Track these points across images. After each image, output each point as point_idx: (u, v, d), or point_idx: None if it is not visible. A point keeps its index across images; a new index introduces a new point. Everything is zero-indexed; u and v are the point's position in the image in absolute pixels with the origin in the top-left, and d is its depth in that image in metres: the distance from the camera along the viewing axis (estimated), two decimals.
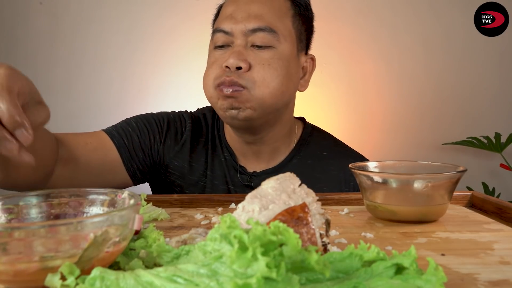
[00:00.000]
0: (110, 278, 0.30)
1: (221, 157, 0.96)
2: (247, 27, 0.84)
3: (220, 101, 0.84)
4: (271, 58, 0.84)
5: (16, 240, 0.32)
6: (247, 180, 0.93)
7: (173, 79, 2.12)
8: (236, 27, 0.84)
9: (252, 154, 0.94)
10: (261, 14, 0.85)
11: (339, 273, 0.34)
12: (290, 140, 0.97)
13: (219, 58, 0.86)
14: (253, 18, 0.84)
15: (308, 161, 0.95)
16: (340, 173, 0.93)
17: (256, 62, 0.83)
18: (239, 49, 0.83)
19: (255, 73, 0.82)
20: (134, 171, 0.91)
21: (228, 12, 0.87)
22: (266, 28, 0.84)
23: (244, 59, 0.82)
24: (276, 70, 0.84)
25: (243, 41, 0.84)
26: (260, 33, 0.84)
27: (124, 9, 2.11)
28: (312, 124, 1.03)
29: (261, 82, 0.82)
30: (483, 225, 0.59)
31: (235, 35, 0.84)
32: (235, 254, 0.29)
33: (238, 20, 0.84)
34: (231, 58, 0.81)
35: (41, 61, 2.10)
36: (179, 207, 0.72)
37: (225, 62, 0.82)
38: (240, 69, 0.81)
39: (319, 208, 0.43)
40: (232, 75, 0.81)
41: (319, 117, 2.06)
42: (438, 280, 0.31)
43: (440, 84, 2.17)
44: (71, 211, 0.45)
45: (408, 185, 0.61)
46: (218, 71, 0.84)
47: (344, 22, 2.12)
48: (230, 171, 0.94)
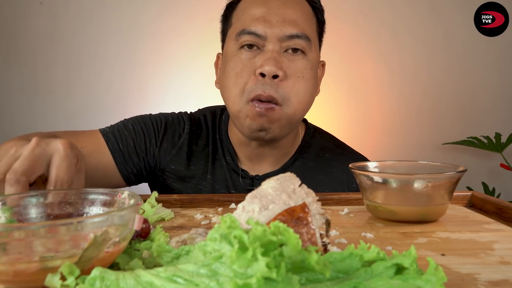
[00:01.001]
0: (110, 278, 0.30)
1: (222, 161, 0.93)
2: (284, 32, 0.80)
3: (249, 120, 0.80)
4: (304, 69, 0.81)
5: (16, 240, 0.32)
6: (249, 184, 0.91)
7: (173, 79, 2.12)
8: (272, 31, 0.79)
9: (258, 157, 0.92)
10: (296, 20, 0.81)
11: (339, 273, 0.34)
12: (295, 142, 0.95)
13: (247, 64, 0.80)
14: (288, 23, 0.80)
15: (310, 163, 0.94)
16: (343, 175, 0.92)
17: (291, 72, 0.80)
18: (274, 55, 0.78)
19: (290, 86, 0.79)
20: (128, 175, 0.91)
21: (257, 13, 0.81)
22: (302, 35, 0.81)
23: (280, 67, 0.78)
24: (308, 82, 0.82)
25: (276, 46, 0.80)
26: (296, 39, 0.80)
27: (124, 9, 2.11)
28: (314, 125, 1.02)
29: (295, 97, 0.80)
30: (483, 225, 0.59)
31: (268, 39, 0.80)
32: (235, 254, 0.29)
33: (273, 24, 0.80)
34: (267, 64, 0.77)
35: (41, 61, 2.10)
36: (179, 207, 0.72)
37: (260, 69, 0.77)
38: (276, 77, 0.78)
39: (319, 208, 0.43)
40: (269, 88, 0.77)
41: (319, 117, 2.06)
42: (438, 280, 0.31)
43: (440, 84, 2.17)
44: (71, 211, 0.45)
45: (408, 185, 0.60)
46: (251, 80, 0.79)
47: (344, 22, 2.12)
48: (232, 175, 0.92)
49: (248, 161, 0.93)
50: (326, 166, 0.94)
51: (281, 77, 0.78)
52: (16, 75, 2.09)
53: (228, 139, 0.94)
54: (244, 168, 0.93)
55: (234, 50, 0.83)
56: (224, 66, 0.86)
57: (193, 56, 2.06)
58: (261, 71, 0.77)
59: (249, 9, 0.84)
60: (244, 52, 0.81)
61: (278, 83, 0.78)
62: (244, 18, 0.83)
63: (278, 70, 0.77)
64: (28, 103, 2.10)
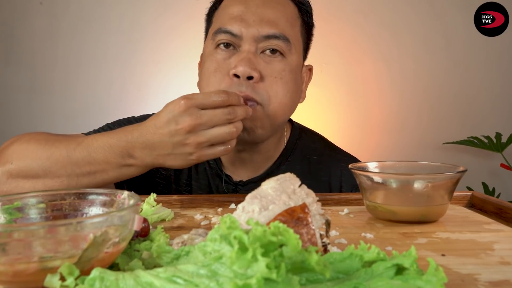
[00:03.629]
0: (110, 278, 0.30)
1: (205, 165, 0.90)
2: (260, 32, 0.76)
3: None
4: (283, 70, 0.77)
5: (15, 241, 0.32)
6: (232, 190, 0.88)
7: (173, 79, 2.12)
8: (247, 31, 0.76)
9: (241, 162, 0.88)
10: (274, 20, 0.78)
11: (339, 274, 0.33)
12: (279, 146, 0.91)
13: (222, 64, 0.77)
14: (266, 23, 0.77)
15: (297, 166, 0.90)
16: (330, 179, 0.90)
17: (267, 73, 0.76)
18: (249, 56, 0.75)
19: (268, 86, 0.76)
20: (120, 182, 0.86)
21: (235, 12, 0.79)
22: (280, 36, 0.77)
23: (255, 68, 0.74)
24: (287, 84, 0.78)
25: (252, 46, 0.76)
26: (274, 40, 0.77)
27: (124, 9, 2.11)
28: (300, 125, 0.98)
29: (275, 97, 0.76)
30: (483, 226, 0.59)
31: (244, 39, 0.76)
32: (235, 255, 0.29)
33: (249, 24, 0.76)
34: (241, 65, 0.73)
35: (41, 61, 2.10)
36: (179, 207, 0.72)
37: (234, 70, 0.74)
38: (251, 79, 0.74)
39: (319, 209, 0.43)
40: (245, 89, 0.74)
41: (319, 117, 2.06)
42: (438, 281, 0.31)
43: (440, 84, 2.17)
44: (70, 211, 0.45)
45: (408, 185, 0.60)
46: (225, 81, 0.76)
47: (344, 22, 2.12)
48: (215, 180, 0.89)
49: (231, 166, 0.90)
50: (313, 170, 0.90)
51: (256, 79, 0.74)
52: (16, 75, 2.09)
53: None
54: (227, 173, 0.90)
55: (210, 49, 0.80)
56: (202, 66, 0.84)
57: (193, 56, 2.05)
58: (234, 72, 0.74)
59: (228, 8, 0.81)
60: (220, 52, 0.79)
61: (254, 84, 0.75)
62: (222, 17, 0.81)
63: (252, 71, 0.73)
64: (28, 103, 2.10)
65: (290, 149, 0.91)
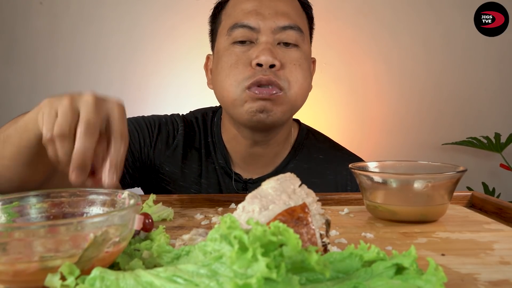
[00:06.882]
0: (110, 278, 0.30)
1: (215, 164, 0.92)
2: (277, 24, 0.81)
3: (248, 103, 0.79)
4: (300, 58, 0.83)
5: (16, 240, 0.32)
6: (242, 188, 0.90)
7: (173, 79, 2.12)
8: (264, 23, 0.81)
9: (251, 157, 0.90)
10: (288, 12, 0.83)
11: (339, 273, 0.34)
12: (288, 143, 0.94)
13: (242, 56, 0.81)
14: (281, 15, 0.82)
15: (304, 165, 0.92)
16: (337, 177, 0.92)
17: (286, 61, 0.81)
18: (269, 47, 0.79)
19: (288, 73, 0.80)
20: (123, 176, 0.89)
21: (249, 7, 0.83)
22: (295, 27, 0.82)
23: (275, 56, 0.78)
24: (305, 70, 0.83)
25: (270, 38, 0.81)
26: (289, 31, 0.82)
27: (124, 9, 2.11)
28: (307, 126, 1.01)
29: (295, 83, 0.81)
30: (483, 225, 0.59)
31: (262, 31, 0.81)
32: (235, 255, 0.29)
33: (265, 16, 0.81)
34: (263, 55, 0.77)
35: (41, 61, 2.10)
36: (179, 207, 0.72)
37: (256, 59, 0.78)
38: (273, 67, 0.78)
39: (319, 209, 0.43)
40: (269, 73, 0.78)
41: (319, 117, 2.06)
42: (438, 280, 0.31)
43: (440, 84, 2.17)
44: (71, 211, 0.45)
45: (408, 185, 0.60)
46: (247, 70, 0.79)
47: (344, 22, 2.12)
48: (225, 179, 0.91)
49: (241, 162, 0.91)
50: (320, 168, 0.92)
51: (277, 67, 0.79)
52: (16, 75, 2.09)
53: (221, 141, 0.93)
54: (237, 171, 0.91)
55: (226, 45, 0.83)
56: (217, 63, 0.85)
57: (193, 56, 2.05)
58: (257, 61, 0.78)
59: (240, 5, 0.85)
60: (237, 47, 0.82)
61: (276, 72, 0.79)
62: (236, 13, 0.84)
63: (274, 60, 0.78)
64: (28, 103, 2.09)
65: (298, 148, 0.94)
